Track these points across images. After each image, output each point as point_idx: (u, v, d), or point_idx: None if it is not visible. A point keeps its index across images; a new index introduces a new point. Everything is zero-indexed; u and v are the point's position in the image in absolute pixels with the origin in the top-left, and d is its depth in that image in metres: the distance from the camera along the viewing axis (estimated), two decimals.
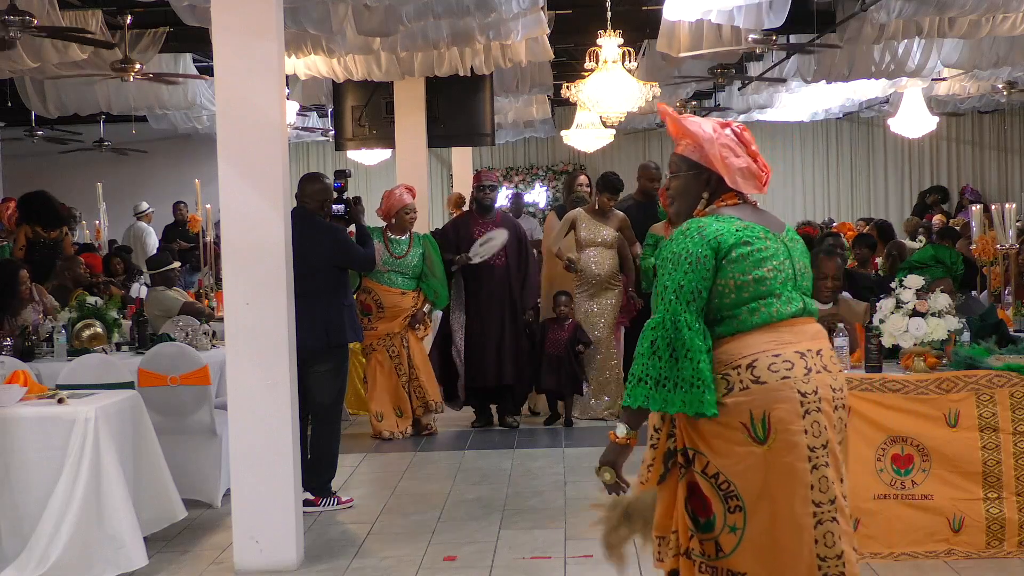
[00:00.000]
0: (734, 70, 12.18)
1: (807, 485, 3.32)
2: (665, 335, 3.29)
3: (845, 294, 6.57)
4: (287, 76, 8.81)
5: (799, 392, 3.32)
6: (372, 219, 8.43)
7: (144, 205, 15.84)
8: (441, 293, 8.45)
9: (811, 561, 3.34)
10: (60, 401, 5.28)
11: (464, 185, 13.86)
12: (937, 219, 16.50)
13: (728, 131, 3.50)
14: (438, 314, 8.98)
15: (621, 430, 3.44)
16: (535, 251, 9.50)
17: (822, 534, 3.33)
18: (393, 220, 8.40)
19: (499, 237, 8.51)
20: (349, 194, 6.92)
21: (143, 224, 15.67)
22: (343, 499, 6.52)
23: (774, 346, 3.34)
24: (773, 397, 3.31)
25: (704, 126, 3.49)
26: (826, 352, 3.45)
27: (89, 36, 8.38)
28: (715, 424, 3.34)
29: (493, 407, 8.86)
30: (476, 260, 8.53)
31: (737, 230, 3.38)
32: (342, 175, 6.89)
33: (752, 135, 3.54)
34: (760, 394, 3.31)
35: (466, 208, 9.24)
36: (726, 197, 3.48)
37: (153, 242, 15.23)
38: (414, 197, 8.51)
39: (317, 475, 6.41)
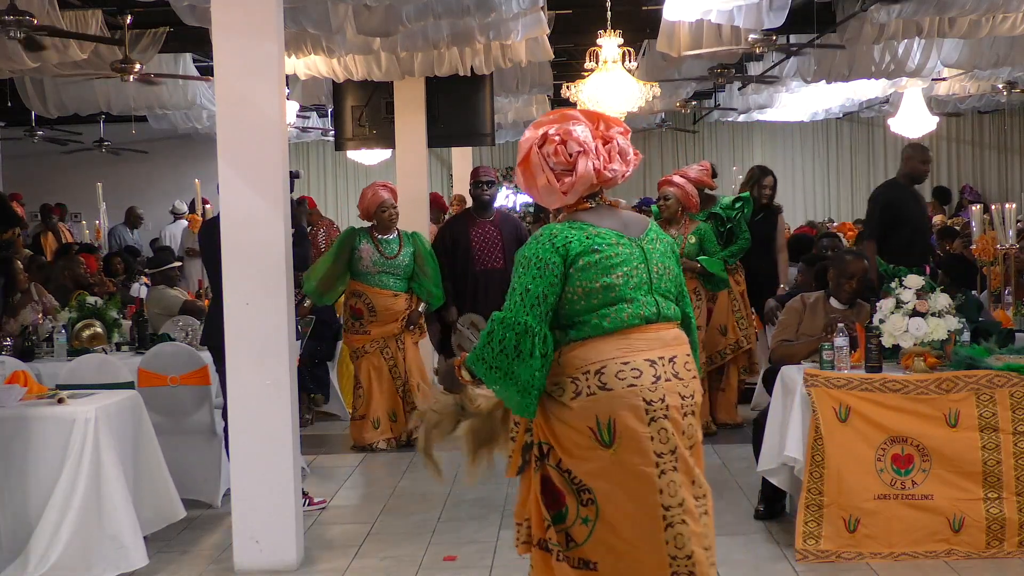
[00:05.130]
0: (734, 70, 12.17)
1: (656, 490, 3.43)
2: (503, 332, 3.41)
3: None
4: (287, 76, 8.79)
5: (644, 400, 3.42)
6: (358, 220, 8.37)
7: (183, 206, 15.47)
8: (435, 293, 8.11)
9: (663, 560, 3.44)
10: (60, 401, 5.29)
11: (464, 185, 13.85)
12: (937, 219, 16.49)
13: (548, 147, 3.55)
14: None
15: (467, 375, 3.61)
16: None
17: (672, 536, 3.44)
18: (374, 220, 8.11)
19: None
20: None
21: (184, 223, 15.37)
22: (315, 500, 6.50)
23: (624, 353, 3.44)
24: (618, 404, 3.41)
25: (523, 149, 3.59)
26: (680, 359, 3.53)
27: (89, 35, 8.37)
28: (565, 425, 3.46)
29: None
30: (455, 341, 7.91)
31: (587, 237, 3.48)
32: (291, 176, 6.77)
33: (586, 134, 3.55)
34: (606, 400, 3.41)
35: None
36: (579, 203, 3.59)
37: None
38: (393, 195, 8.20)
39: None
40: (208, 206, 10.70)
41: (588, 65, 10.50)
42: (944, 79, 13.91)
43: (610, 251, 3.48)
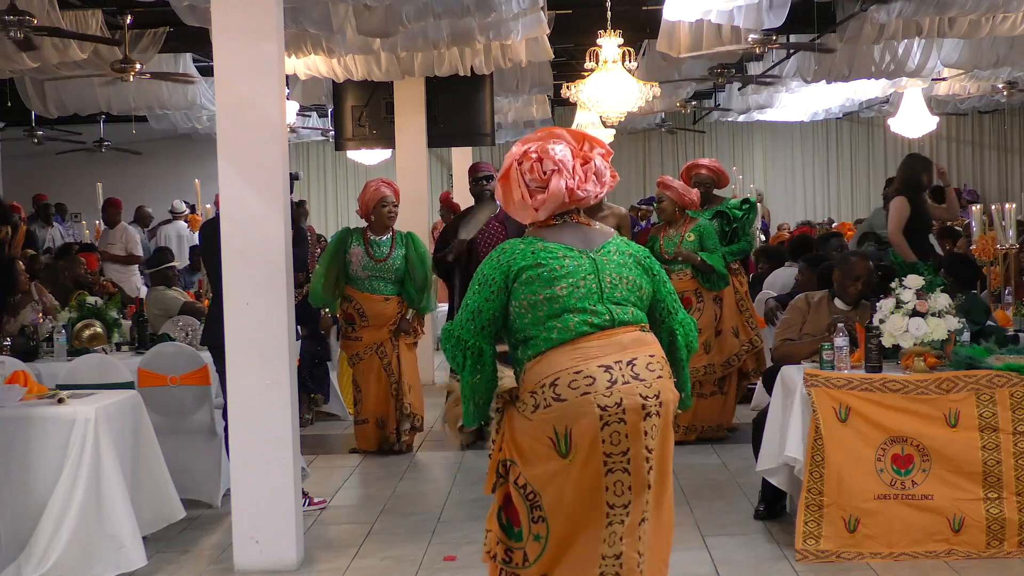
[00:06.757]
0: (734, 70, 12.18)
1: (602, 488, 3.50)
2: (446, 343, 3.65)
3: None
4: (287, 76, 8.79)
5: (599, 407, 3.48)
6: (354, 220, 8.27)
7: (182, 205, 15.25)
8: (416, 298, 7.84)
9: (595, 558, 3.52)
10: (60, 401, 5.28)
11: (465, 186, 13.84)
12: None
13: (525, 164, 3.66)
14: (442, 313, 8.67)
15: None
16: None
17: (608, 534, 3.52)
18: (372, 217, 7.84)
19: (483, 212, 7.94)
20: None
21: (182, 224, 15.27)
22: (315, 500, 6.50)
23: (577, 363, 3.52)
24: (574, 413, 3.48)
25: (506, 163, 3.71)
26: (642, 360, 3.56)
27: (89, 35, 8.38)
28: (527, 436, 3.56)
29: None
30: (464, 235, 7.87)
31: (532, 252, 3.60)
32: (291, 177, 6.73)
33: (565, 153, 3.65)
34: (561, 410, 3.49)
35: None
36: (547, 220, 3.70)
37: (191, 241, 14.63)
38: (396, 193, 7.95)
39: None
40: (208, 206, 10.69)
41: (588, 65, 10.51)
42: (944, 79, 13.92)
43: (554, 264, 3.58)
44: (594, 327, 3.54)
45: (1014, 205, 8.18)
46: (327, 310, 8.46)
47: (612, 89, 10.29)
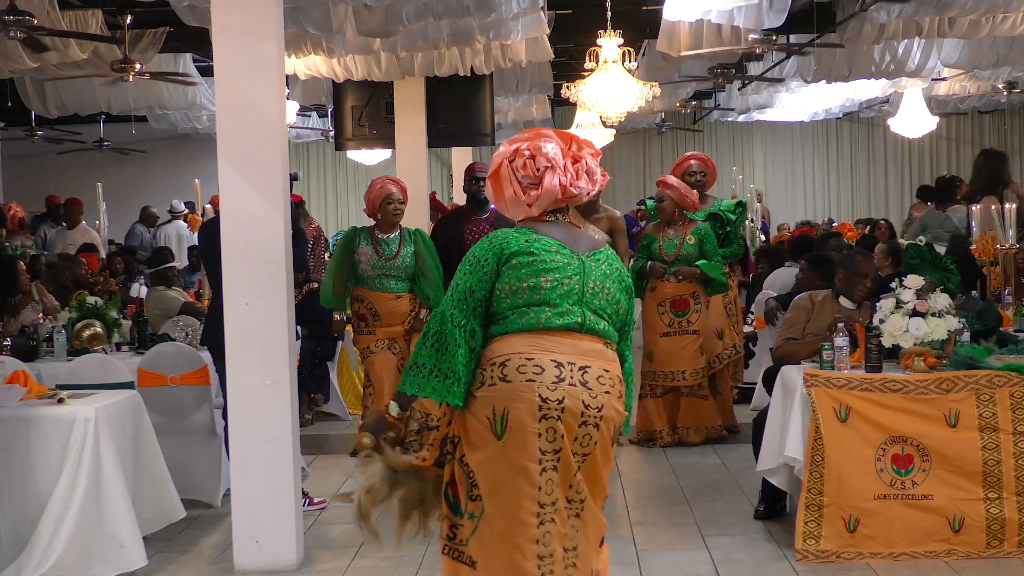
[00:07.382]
0: (734, 70, 12.18)
1: (536, 485, 3.51)
2: (434, 326, 3.60)
3: None
4: (287, 76, 8.78)
5: (540, 396, 3.49)
6: (360, 220, 8.23)
7: (181, 205, 15.21)
8: (431, 296, 7.61)
9: (532, 559, 3.51)
10: (60, 401, 5.29)
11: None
12: None
13: (517, 161, 3.66)
14: None
15: (393, 408, 3.72)
16: None
17: (542, 534, 3.52)
18: (378, 215, 7.63)
19: None
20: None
21: (181, 223, 15.09)
22: (315, 500, 6.49)
23: (531, 350, 3.54)
24: (514, 396, 3.50)
25: (495, 162, 3.72)
26: (594, 371, 3.56)
27: (89, 35, 8.38)
28: (470, 415, 3.57)
29: None
30: None
31: (526, 240, 3.63)
32: (291, 177, 6.68)
33: (556, 151, 3.65)
34: (503, 392, 3.51)
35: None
36: (540, 215, 3.71)
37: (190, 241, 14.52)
38: (403, 191, 7.73)
39: None
40: (207, 206, 10.68)
41: (588, 65, 10.50)
42: (944, 79, 13.91)
43: (545, 256, 3.60)
44: (562, 325, 3.56)
45: (1014, 205, 8.15)
46: (340, 314, 8.47)
47: (612, 89, 10.28)
